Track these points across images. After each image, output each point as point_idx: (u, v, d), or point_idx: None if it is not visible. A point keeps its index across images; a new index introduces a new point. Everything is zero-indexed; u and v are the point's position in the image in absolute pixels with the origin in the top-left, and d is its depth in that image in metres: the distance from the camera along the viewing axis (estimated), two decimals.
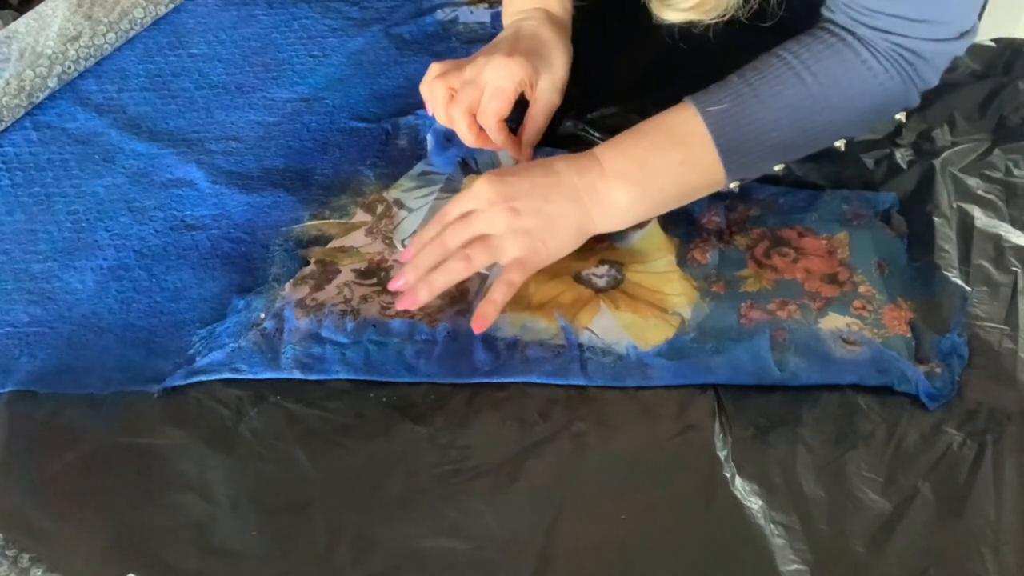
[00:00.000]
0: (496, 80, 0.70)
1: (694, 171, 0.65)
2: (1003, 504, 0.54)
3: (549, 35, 0.74)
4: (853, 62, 0.65)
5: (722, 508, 0.55)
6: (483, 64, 0.71)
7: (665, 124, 0.66)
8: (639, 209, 0.66)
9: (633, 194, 0.65)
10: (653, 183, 0.65)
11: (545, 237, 0.64)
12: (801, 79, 0.64)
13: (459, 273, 0.64)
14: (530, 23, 0.75)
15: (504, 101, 0.70)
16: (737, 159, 0.65)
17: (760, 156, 0.66)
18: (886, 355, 0.61)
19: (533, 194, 0.64)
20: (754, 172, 0.68)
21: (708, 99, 0.65)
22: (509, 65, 0.70)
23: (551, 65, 0.73)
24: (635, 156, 0.65)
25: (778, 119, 0.64)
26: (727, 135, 0.64)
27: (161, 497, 0.56)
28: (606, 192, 0.64)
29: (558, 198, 0.64)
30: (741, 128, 0.64)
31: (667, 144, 0.65)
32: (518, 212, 0.63)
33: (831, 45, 0.65)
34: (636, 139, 0.66)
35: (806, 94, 0.64)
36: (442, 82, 0.72)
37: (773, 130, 0.64)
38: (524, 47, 0.72)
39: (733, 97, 0.64)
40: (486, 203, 0.64)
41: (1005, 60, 0.81)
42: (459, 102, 0.71)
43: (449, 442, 0.59)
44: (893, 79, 0.65)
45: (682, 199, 0.67)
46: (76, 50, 0.83)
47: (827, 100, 0.65)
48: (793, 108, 0.64)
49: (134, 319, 0.66)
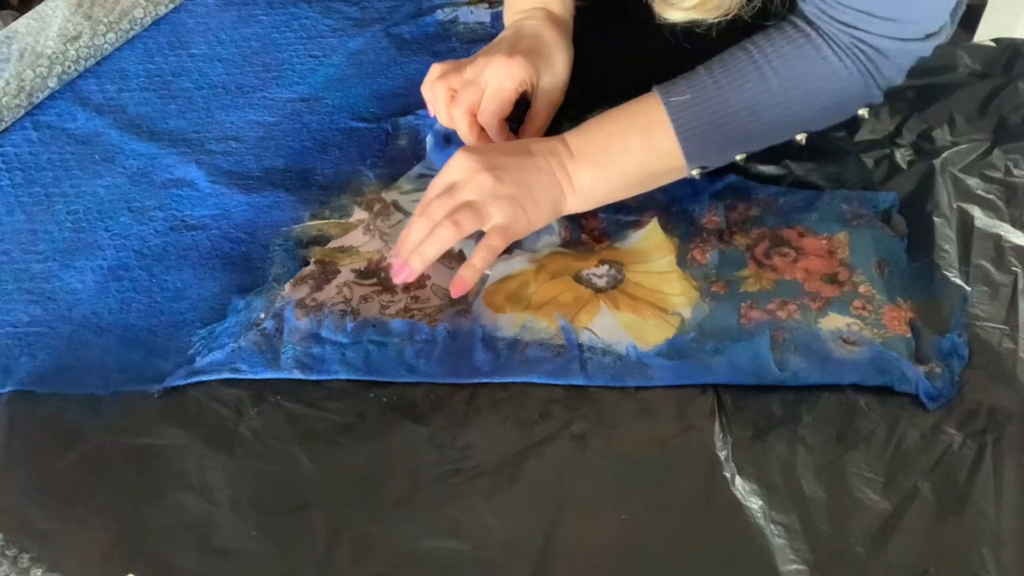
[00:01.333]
0: (497, 80, 0.70)
1: (654, 156, 0.67)
2: (1003, 504, 0.54)
3: (550, 35, 0.74)
4: (813, 58, 0.66)
5: (722, 508, 0.55)
6: (483, 64, 0.71)
7: (629, 111, 0.68)
8: (601, 191, 0.68)
9: (596, 176, 0.67)
10: (615, 166, 0.67)
11: (526, 205, 0.65)
12: (762, 73, 0.66)
13: (449, 239, 0.64)
14: (531, 23, 0.75)
15: (504, 101, 0.70)
16: (697, 147, 0.67)
17: (720, 145, 0.68)
18: (886, 355, 0.61)
19: (512, 164, 0.66)
20: (715, 161, 0.69)
21: (672, 89, 0.67)
22: (510, 65, 0.70)
23: (552, 65, 0.73)
24: (598, 140, 0.68)
25: (737, 111, 0.66)
26: (687, 124, 0.66)
27: (161, 497, 0.57)
28: (574, 173, 0.67)
29: (535, 171, 0.66)
30: (700, 117, 0.66)
31: (629, 130, 0.68)
32: (500, 179, 0.65)
33: (793, 40, 0.66)
34: (601, 124, 0.69)
35: (765, 87, 0.66)
36: (443, 83, 0.72)
37: (732, 121, 0.66)
38: (525, 47, 0.72)
39: (696, 88, 0.67)
40: (468, 172, 0.65)
41: (1005, 60, 0.81)
42: (460, 102, 0.71)
43: (449, 442, 0.59)
44: (853, 76, 0.66)
45: (644, 183, 0.69)
46: (76, 50, 0.83)
47: (785, 94, 0.66)
48: (751, 100, 0.66)
49: (134, 319, 0.66)
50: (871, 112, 0.76)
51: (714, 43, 0.66)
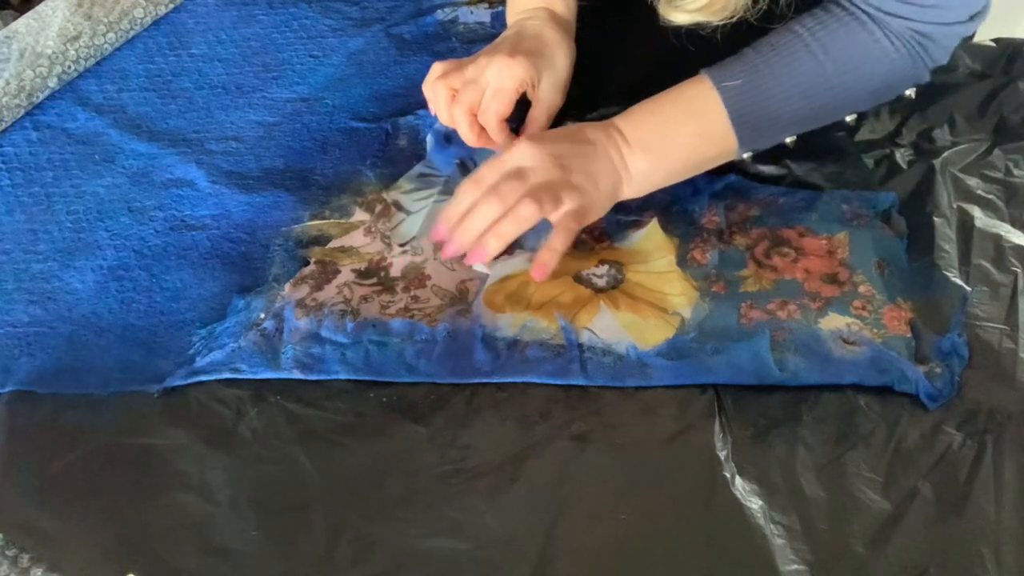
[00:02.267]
0: (498, 80, 0.70)
1: (709, 142, 0.68)
2: (1003, 504, 0.54)
3: (552, 35, 0.74)
4: (866, 41, 0.66)
5: (722, 508, 0.55)
6: (484, 64, 0.71)
7: (682, 97, 0.68)
8: (657, 178, 0.69)
9: (651, 163, 0.68)
10: (671, 153, 0.68)
11: (593, 194, 0.66)
12: (815, 56, 0.66)
13: (531, 218, 0.64)
14: (534, 23, 0.75)
15: (505, 101, 0.71)
16: (750, 131, 0.67)
17: (773, 129, 0.69)
18: (886, 355, 0.61)
19: (576, 152, 0.66)
20: (766, 143, 0.70)
21: (724, 73, 0.67)
22: (511, 65, 0.70)
23: (553, 65, 0.73)
24: (653, 127, 0.68)
25: (791, 95, 0.66)
26: (741, 109, 0.66)
27: (161, 497, 0.57)
28: (630, 160, 0.67)
29: (595, 158, 0.67)
30: (754, 102, 0.67)
31: (684, 116, 0.68)
32: (568, 169, 0.65)
33: (845, 23, 0.66)
34: (654, 110, 0.69)
35: (819, 71, 0.66)
36: (444, 82, 0.72)
37: (786, 105, 0.67)
38: (526, 47, 0.72)
39: (748, 72, 0.67)
40: (536, 159, 0.65)
41: (1005, 60, 0.81)
42: (460, 102, 0.71)
43: (449, 442, 0.59)
44: (904, 58, 0.67)
45: (697, 168, 0.70)
46: (76, 50, 0.83)
47: (839, 77, 0.67)
48: (806, 84, 0.66)
49: (134, 319, 0.66)
50: (871, 112, 0.76)
51: (716, 44, 0.66)
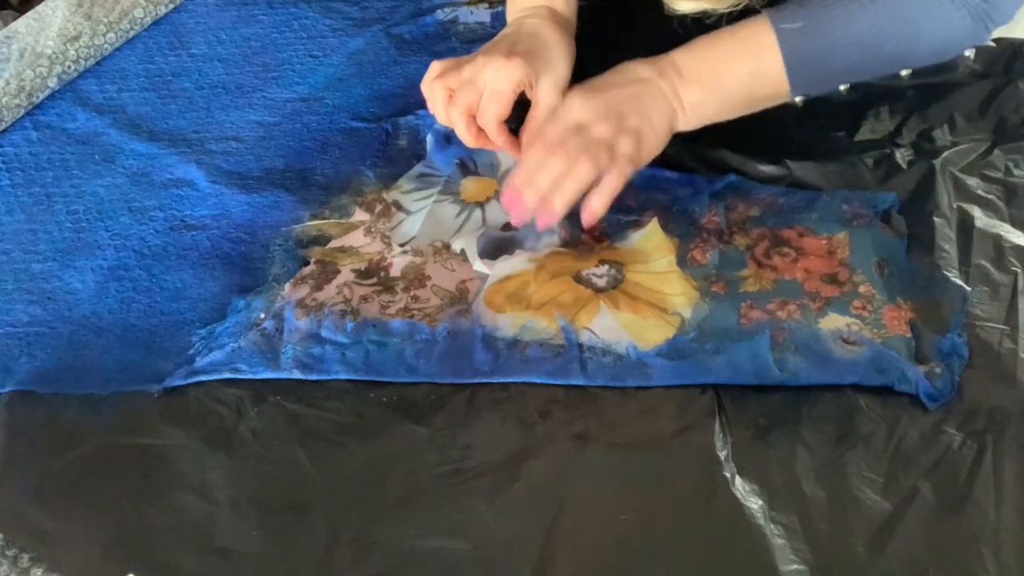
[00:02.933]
0: (495, 82, 0.70)
1: (761, 82, 0.69)
2: (1003, 504, 0.54)
3: (551, 34, 0.74)
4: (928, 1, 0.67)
5: (722, 508, 0.55)
6: (481, 65, 0.70)
7: (739, 34, 0.69)
8: (709, 111, 0.69)
9: (704, 96, 0.69)
10: (723, 88, 0.69)
11: (649, 135, 0.67)
12: (876, 9, 0.66)
13: (588, 176, 0.65)
14: (533, 21, 0.75)
15: (502, 103, 0.70)
16: (803, 77, 0.68)
17: (826, 77, 0.70)
18: (886, 355, 0.61)
19: (628, 96, 0.67)
20: (818, 90, 0.72)
21: (783, 15, 0.68)
22: (508, 67, 0.70)
23: (552, 66, 0.73)
24: (708, 61, 0.69)
25: (847, 45, 0.67)
26: (796, 53, 0.67)
27: (161, 497, 0.57)
28: (684, 92, 0.68)
29: (648, 97, 0.68)
30: (810, 49, 0.67)
31: (739, 54, 0.69)
32: (624, 115, 0.67)
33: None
34: (710, 45, 0.69)
35: (876, 24, 0.67)
36: (441, 83, 0.71)
37: (841, 55, 0.68)
38: (523, 48, 0.72)
39: (807, 17, 0.67)
40: (592, 111, 0.66)
41: (1005, 60, 0.81)
42: (457, 103, 0.71)
43: (449, 442, 0.59)
44: (964, 18, 0.67)
45: (748, 107, 0.70)
46: (76, 50, 0.83)
47: (896, 33, 0.67)
48: (862, 36, 0.67)
49: (134, 319, 0.66)
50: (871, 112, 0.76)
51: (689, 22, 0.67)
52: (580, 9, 0.80)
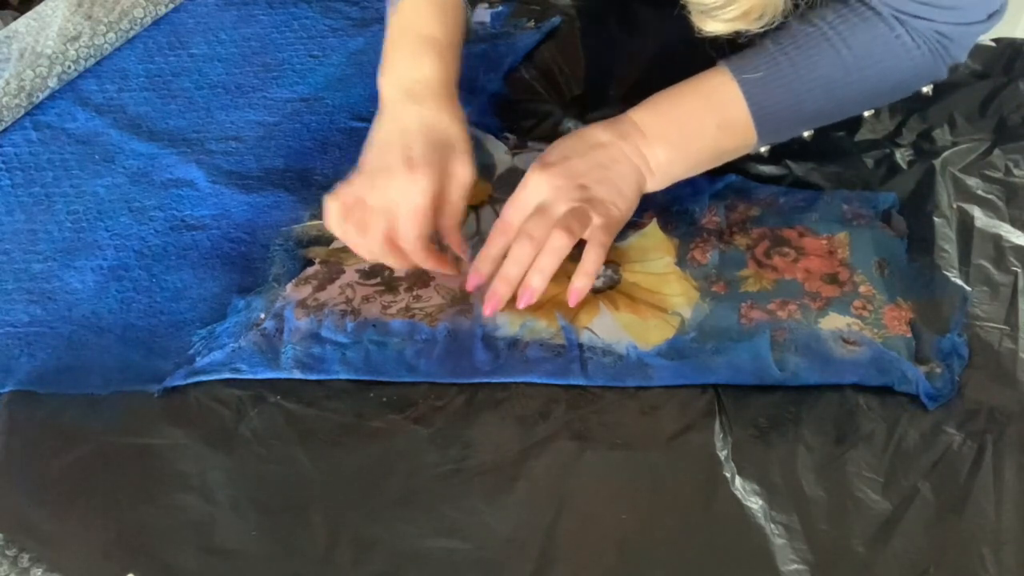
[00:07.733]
0: (407, 203, 0.64)
1: (729, 135, 0.67)
2: (1003, 504, 0.54)
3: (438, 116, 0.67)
4: (887, 37, 0.65)
5: (722, 508, 0.55)
6: (384, 186, 0.64)
7: (700, 88, 0.67)
8: (678, 169, 0.68)
9: (672, 156, 0.67)
10: (691, 145, 0.67)
11: (616, 201, 0.65)
12: (836, 50, 0.65)
13: (565, 248, 0.63)
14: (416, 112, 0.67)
15: (420, 221, 0.64)
16: (770, 125, 0.67)
17: (793, 122, 0.69)
18: (886, 355, 0.61)
19: (592, 166, 0.65)
20: (785, 136, 0.70)
21: (744, 65, 0.66)
22: (416, 181, 0.64)
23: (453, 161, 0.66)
24: (672, 118, 0.67)
25: (812, 89, 0.66)
26: (762, 102, 0.66)
27: (161, 497, 0.57)
28: (650, 153, 0.66)
29: (613, 163, 0.66)
30: (776, 96, 0.66)
31: (704, 108, 0.67)
32: (587, 187, 0.64)
33: (867, 18, 0.66)
34: (672, 101, 0.68)
35: (840, 65, 0.65)
36: (350, 220, 0.65)
37: (807, 99, 0.66)
38: (420, 153, 0.65)
39: (769, 65, 0.66)
40: (553, 190, 0.64)
41: (1005, 60, 0.81)
42: (374, 236, 0.64)
43: (449, 442, 0.59)
44: (924, 55, 0.66)
45: (717, 160, 0.69)
46: (76, 50, 0.83)
47: (860, 72, 0.66)
48: (827, 79, 0.66)
49: (134, 319, 0.66)
50: (871, 112, 0.76)
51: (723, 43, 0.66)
52: (580, 9, 0.80)
